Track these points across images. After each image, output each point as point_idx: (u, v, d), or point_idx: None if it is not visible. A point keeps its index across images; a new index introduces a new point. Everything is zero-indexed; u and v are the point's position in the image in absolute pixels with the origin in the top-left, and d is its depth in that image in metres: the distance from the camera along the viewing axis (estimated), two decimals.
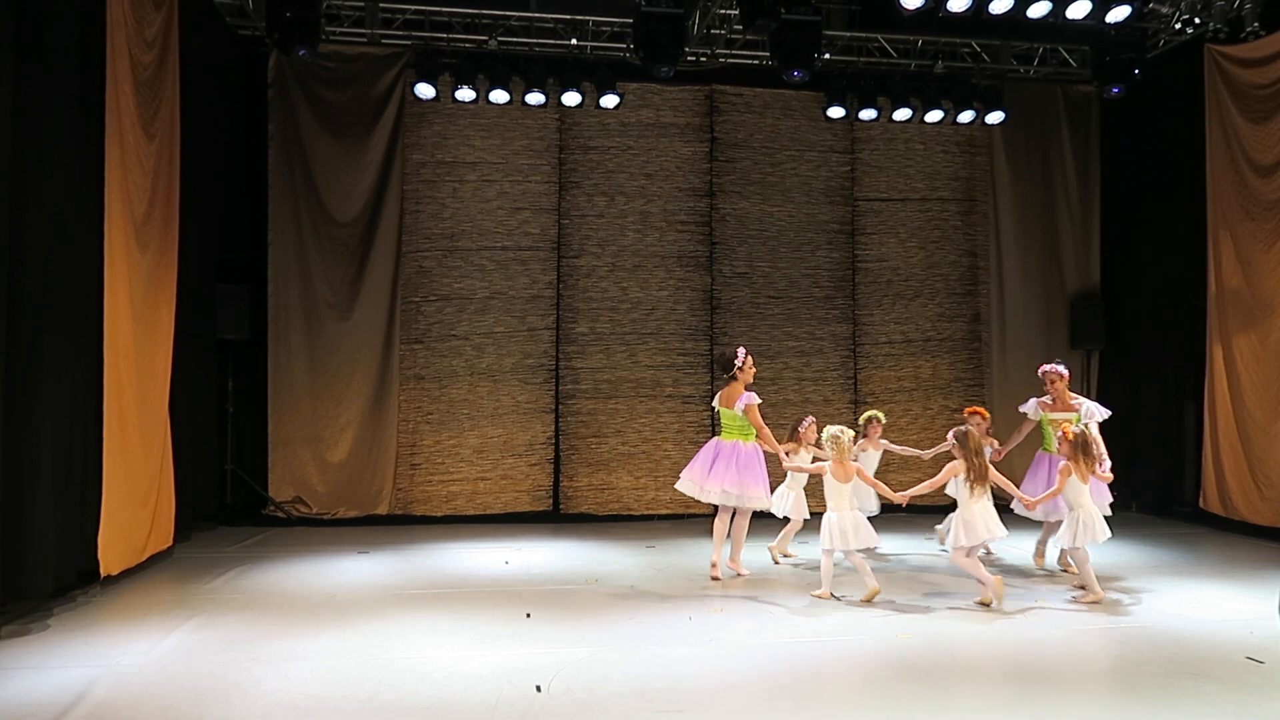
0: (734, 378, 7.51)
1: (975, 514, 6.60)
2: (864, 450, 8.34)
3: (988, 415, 8.13)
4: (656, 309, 10.66)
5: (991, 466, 6.82)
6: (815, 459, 7.67)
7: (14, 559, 5.93)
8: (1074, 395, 7.93)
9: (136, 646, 5.57)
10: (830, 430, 6.98)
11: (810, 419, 8.06)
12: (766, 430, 7.45)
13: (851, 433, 7.05)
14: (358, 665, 5.25)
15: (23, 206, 5.95)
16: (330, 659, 5.37)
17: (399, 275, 10.17)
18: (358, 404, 10.04)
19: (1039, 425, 7.94)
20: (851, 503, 6.86)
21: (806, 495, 8.08)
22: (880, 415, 8.54)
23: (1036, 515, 7.51)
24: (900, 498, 6.97)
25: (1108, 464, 7.15)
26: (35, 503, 6.05)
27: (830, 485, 6.86)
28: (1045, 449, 7.82)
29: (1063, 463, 6.84)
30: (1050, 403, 7.85)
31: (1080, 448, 6.80)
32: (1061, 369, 7.86)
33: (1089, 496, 6.83)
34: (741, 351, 7.58)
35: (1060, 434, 6.96)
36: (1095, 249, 11.33)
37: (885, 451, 8.59)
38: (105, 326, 6.75)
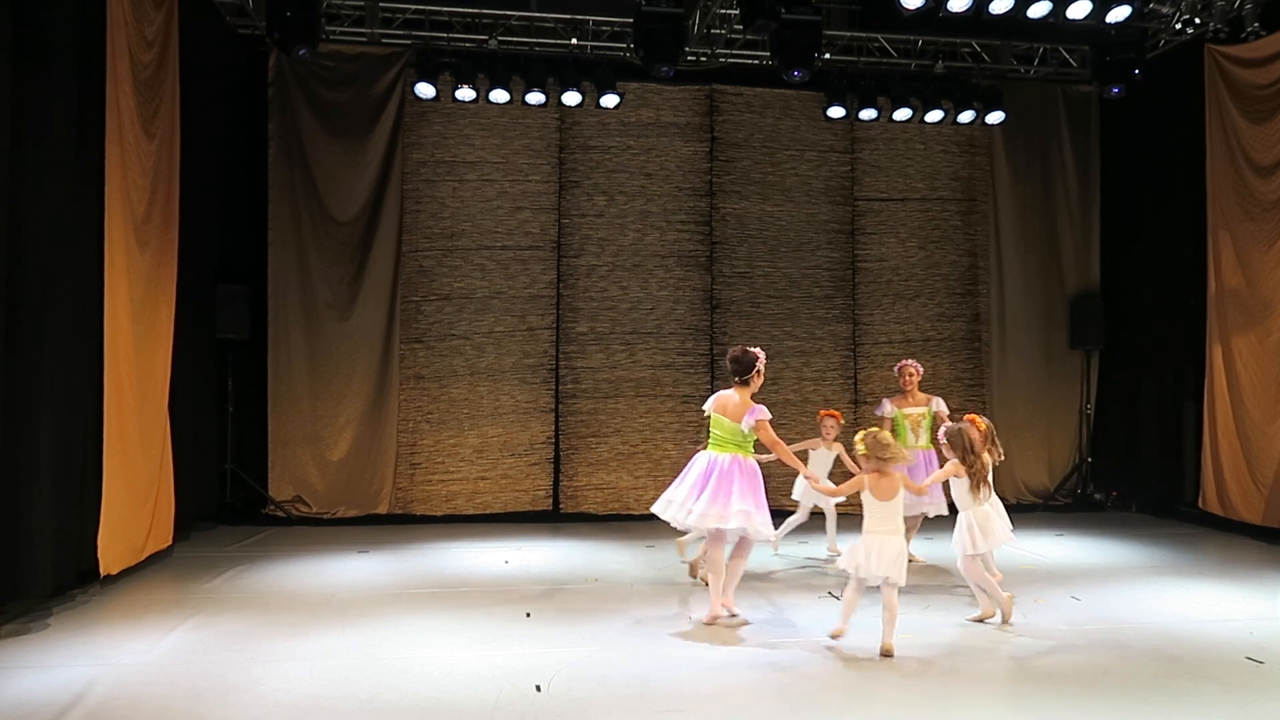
0: (746, 383, 6.27)
1: (987, 516, 6.12)
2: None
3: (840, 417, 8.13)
4: (656, 308, 10.66)
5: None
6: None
7: (13, 558, 5.94)
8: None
9: (136, 646, 5.57)
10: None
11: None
12: (786, 448, 6.33)
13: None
14: (357, 665, 5.25)
15: (23, 206, 5.96)
16: (330, 659, 5.37)
17: (399, 275, 10.16)
18: (357, 403, 10.04)
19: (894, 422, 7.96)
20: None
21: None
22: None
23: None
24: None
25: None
26: (34, 502, 6.05)
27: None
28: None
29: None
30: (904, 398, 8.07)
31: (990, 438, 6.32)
32: (917, 364, 8.13)
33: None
34: (762, 355, 6.39)
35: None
36: (1095, 249, 11.33)
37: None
38: (105, 326, 6.75)
